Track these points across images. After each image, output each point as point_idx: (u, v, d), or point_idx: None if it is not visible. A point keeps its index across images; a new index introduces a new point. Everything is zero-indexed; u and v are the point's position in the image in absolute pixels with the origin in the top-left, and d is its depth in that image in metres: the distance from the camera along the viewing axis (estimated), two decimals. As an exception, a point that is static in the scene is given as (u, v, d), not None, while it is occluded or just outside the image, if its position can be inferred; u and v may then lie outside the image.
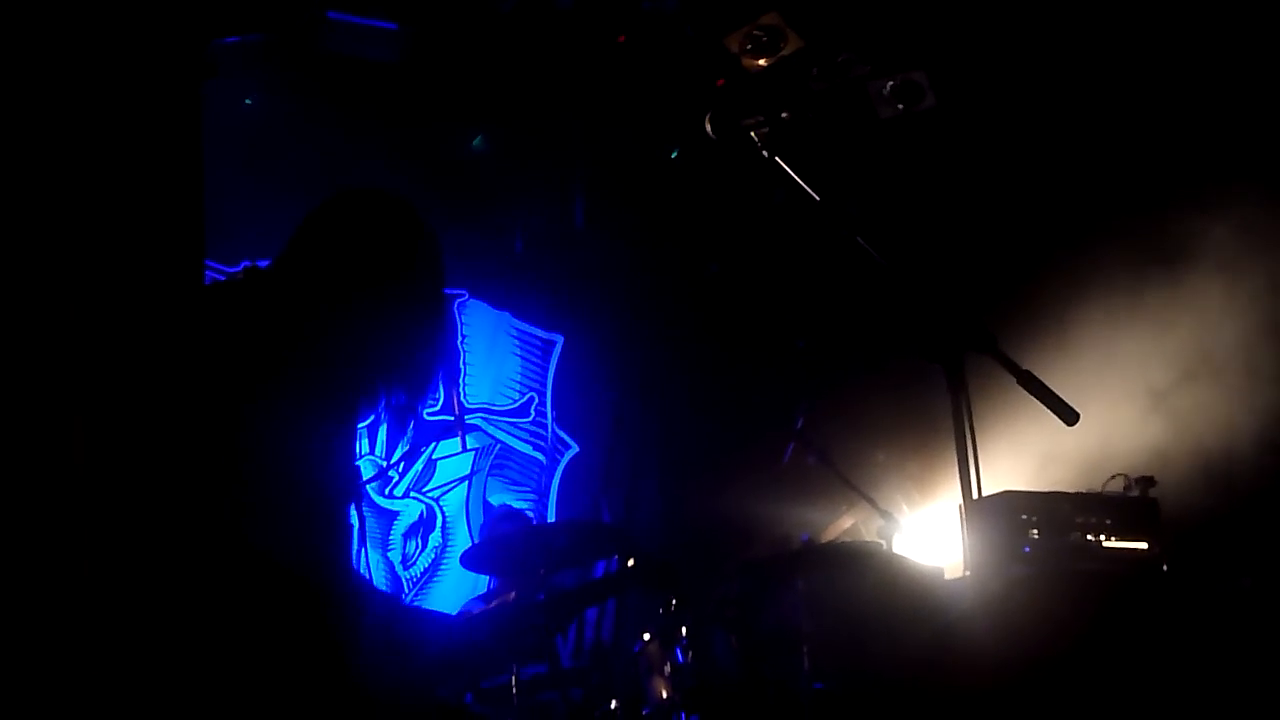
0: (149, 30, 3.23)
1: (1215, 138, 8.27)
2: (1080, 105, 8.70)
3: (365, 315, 4.05)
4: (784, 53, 8.56)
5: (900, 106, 8.86)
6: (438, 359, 4.31)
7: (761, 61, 8.60)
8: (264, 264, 4.27)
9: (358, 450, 4.23)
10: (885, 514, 7.53)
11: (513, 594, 7.64)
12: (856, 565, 6.95)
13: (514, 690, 6.65)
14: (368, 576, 8.19)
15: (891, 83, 8.82)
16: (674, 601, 6.77)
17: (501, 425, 9.69)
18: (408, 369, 4.18)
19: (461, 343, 9.64)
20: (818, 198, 4.60)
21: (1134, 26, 8.33)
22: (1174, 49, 8.26)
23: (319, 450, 3.98)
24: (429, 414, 9.41)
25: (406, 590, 9.16)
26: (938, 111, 8.85)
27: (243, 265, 8.99)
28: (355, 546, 4.17)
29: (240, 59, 8.15)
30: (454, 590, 9.19)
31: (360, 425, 4.36)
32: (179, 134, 3.26)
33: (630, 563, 7.17)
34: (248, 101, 8.77)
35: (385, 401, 4.18)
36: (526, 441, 9.74)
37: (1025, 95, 8.82)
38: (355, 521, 4.15)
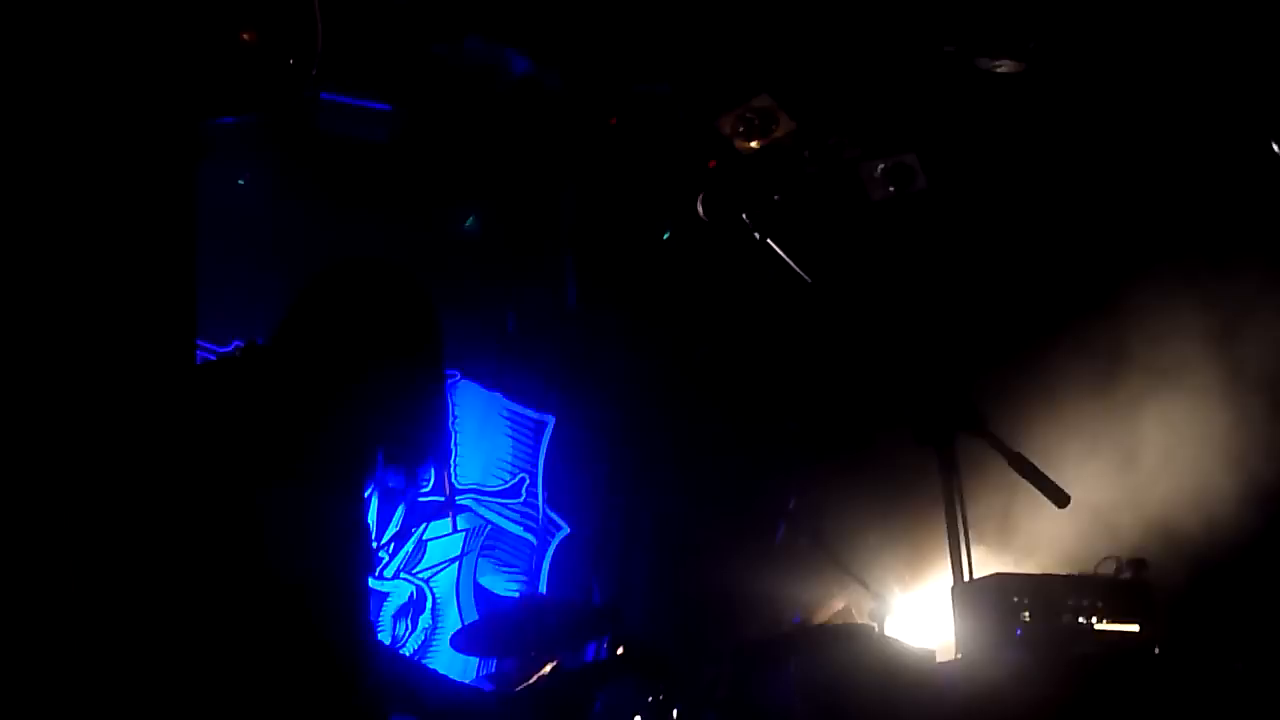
0: (145, 109, 3.24)
1: (1199, 223, 8.33)
2: (1070, 183, 8.74)
3: (373, 390, 4.03)
4: (776, 135, 8.60)
5: (892, 189, 8.90)
6: (440, 435, 4.30)
7: (754, 144, 8.64)
8: (260, 341, 4.25)
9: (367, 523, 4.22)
10: (877, 596, 7.51)
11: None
12: (848, 647, 6.91)
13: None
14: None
15: (883, 165, 8.86)
16: (661, 693, 6.74)
17: (492, 506, 9.67)
18: (411, 444, 4.16)
19: (453, 423, 9.64)
20: (809, 279, 4.62)
21: (1121, 103, 8.39)
22: (1158, 127, 8.32)
23: (338, 527, 3.97)
24: (420, 495, 9.40)
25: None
26: (929, 193, 8.90)
27: (234, 345, 8.99)
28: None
29: (234, 139, 8.19)
30: (443, 672, 9.14)
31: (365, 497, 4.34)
32: (173, 213, 3.26)
33: (620, 650, 7.14)
34: (241, 181, 8.79)
35: (382, 479, 4.16)
36: (517, 523, 9.72)
37: (1016, 175, 8.86)
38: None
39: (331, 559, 3.90)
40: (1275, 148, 8.12)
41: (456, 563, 9.46)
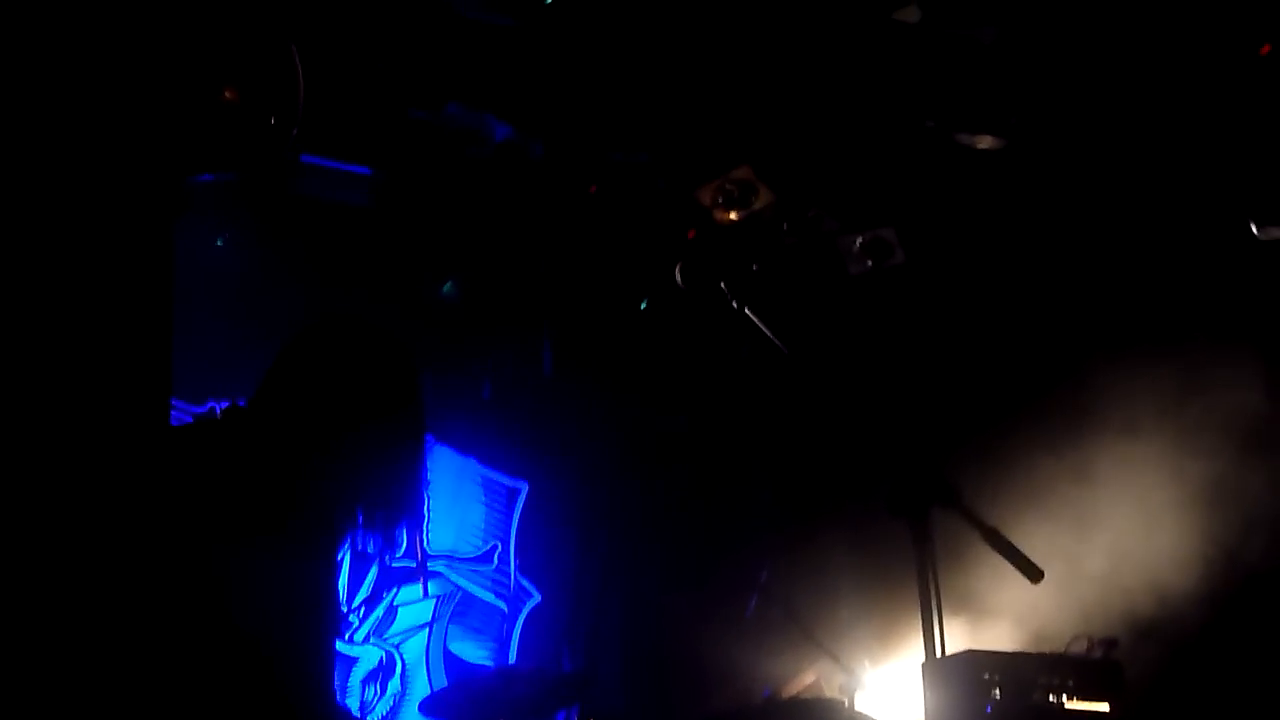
0: (123, 163, 3.24)
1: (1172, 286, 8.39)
2: (1043, 256, 8.78)
3: (352, 451, 4.01)
4: (755, 207, 8.62)
5: (869, 262, 8.92)
6: (417, 498, 4.28)
7: (733, 215, 8.66)
8: (242, 402, 4.22)
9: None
10: (848, 670, 7.49)
11: None
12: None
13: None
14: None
15: (861, 239, 8.88)
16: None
17: (464, 572, 9.63)
18: (388, 507, 4.13)
19: (426, 488, 9.60)
20: (785, 349, 4.63)
21: (1098, 180, 8.44)
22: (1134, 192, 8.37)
23: (306, 590, 3.94)
24: (392, 560, 9.37)
25: (363, 738, 9.08)
26: (906, 267, 8.92)
27: (209, 404, 8.98)
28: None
29: (213, 198, 8.19)
30: (412, 740, 9.11)
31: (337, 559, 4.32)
32: (150, 269, 3.26)
33: None
34: (219, 242, 8.78)
35: (357, 541, 4.14)
36: (489, 589, 9.68)
37: (992, 250, 8.89)
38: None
39: (298, 622, 3.87)
40: (1254, 229, 8.16)
41: (427, 629, 9.42)
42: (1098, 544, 8.18)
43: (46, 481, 3.10)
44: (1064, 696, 6.61)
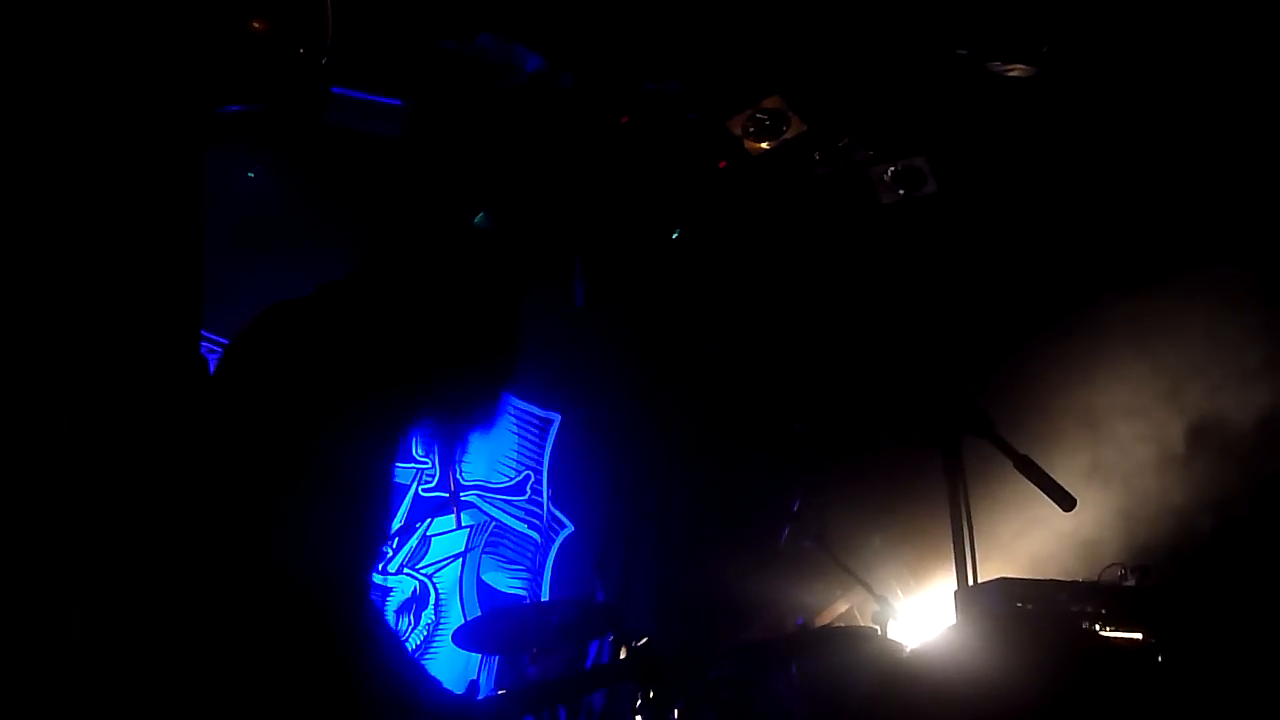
0: (151, 95, 3.23)
1: (1202, 218, 8.34)
2: (1077, 188, 8.74)
3: (438, 376, 3.98)
4: (786, 136, 8.59)
5: (901, 192, 8.89)
6: (485, 429, 4.25)
7: (764, 145, 8.63)
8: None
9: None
10: (880, 599, 7.49)
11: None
12: (851, 650, 6.90)
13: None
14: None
15: (893, 168, 8.85)
16: (661, 694, 6.75)
17: (497, 503, 9.66)
18: (467, 416, 4.10)
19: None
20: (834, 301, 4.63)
21: (1130, 108, 8.39)
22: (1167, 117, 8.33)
23: (368, 482, 3.93)
24: (424, 490, 9.39)
25: (398, 667, 9.11)
26: (939, 197, 8.88)
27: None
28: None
29: (246, 131, 8.19)
30: (446, 668, 9.14)
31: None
32: (179, 200, 3.26)
33: (622, 653, 7.13)
34: (251, 174, 8.78)
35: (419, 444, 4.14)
36: (521, 520, 9.71)
37: (1023, 180, 8.85)
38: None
39: (354, 509, 3.86)
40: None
41: (460, 559, 9.45)
42: (1132, 474, 8.18)
43: (77, 415, 3.11)
44: (1097, 625, 6.62)
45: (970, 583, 4.45)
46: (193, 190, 3.32)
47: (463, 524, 9.41)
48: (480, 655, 9.03)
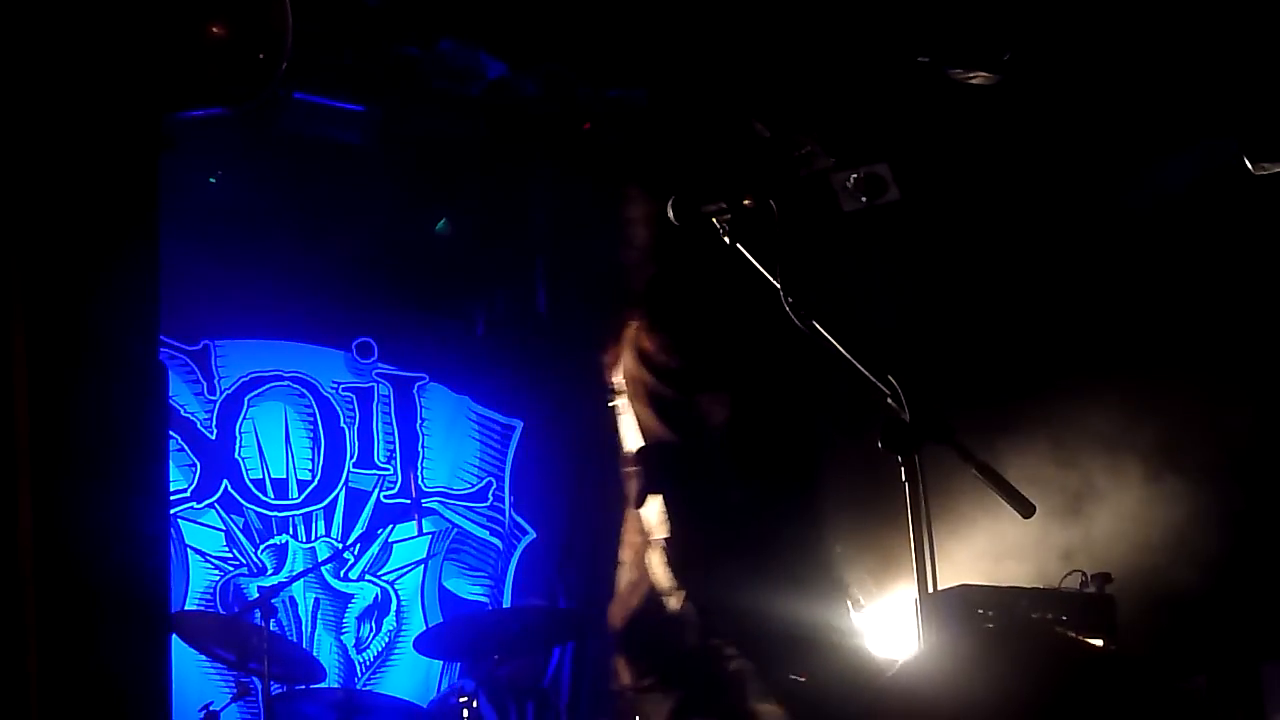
0: (107, 100, 3.22)
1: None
2: (1040, 192, 8.78)
3: None
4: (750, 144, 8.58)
5: (864, 199, 8.89)
6: None
7: (726, 151, 8.61)
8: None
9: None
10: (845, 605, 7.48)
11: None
12: (812, 656, 6.89)
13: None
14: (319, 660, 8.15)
15: (855, 175, 8.85)
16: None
17: (459, 509, 9.65)
18: None
19: (421, 425, 9.62)
20: (778, 284, 4.62)
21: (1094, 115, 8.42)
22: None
23: None
24: (386, 497, 9.38)
25: (359, 674, 9.10)
26: (901, 203, 8.89)
27: (202, 343, 8.99)
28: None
29: (208, 137, 8.16)
30: (407, 674, 9.14)
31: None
32: (136, 205, 3.25)
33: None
34: (212, 180, 8.76)
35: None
36: (483, 526, 9.70)
37: (988, 185, 8.87)
38: None
39: None
40: (1248, 164, 8.14)
41: (422, 565, 9.44)
42: (1093, 482, 8.20)
43: (38, 420, 3.09)
44: (1058, 629, 6.63)
45: (931, 590, 4.45)
46: (150, 196, 3.31)
47: (424, 530, 9.39)
48: (442, 662, 9.03)
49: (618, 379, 5.24)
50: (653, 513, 4.96)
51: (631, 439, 5.12)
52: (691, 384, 5.05)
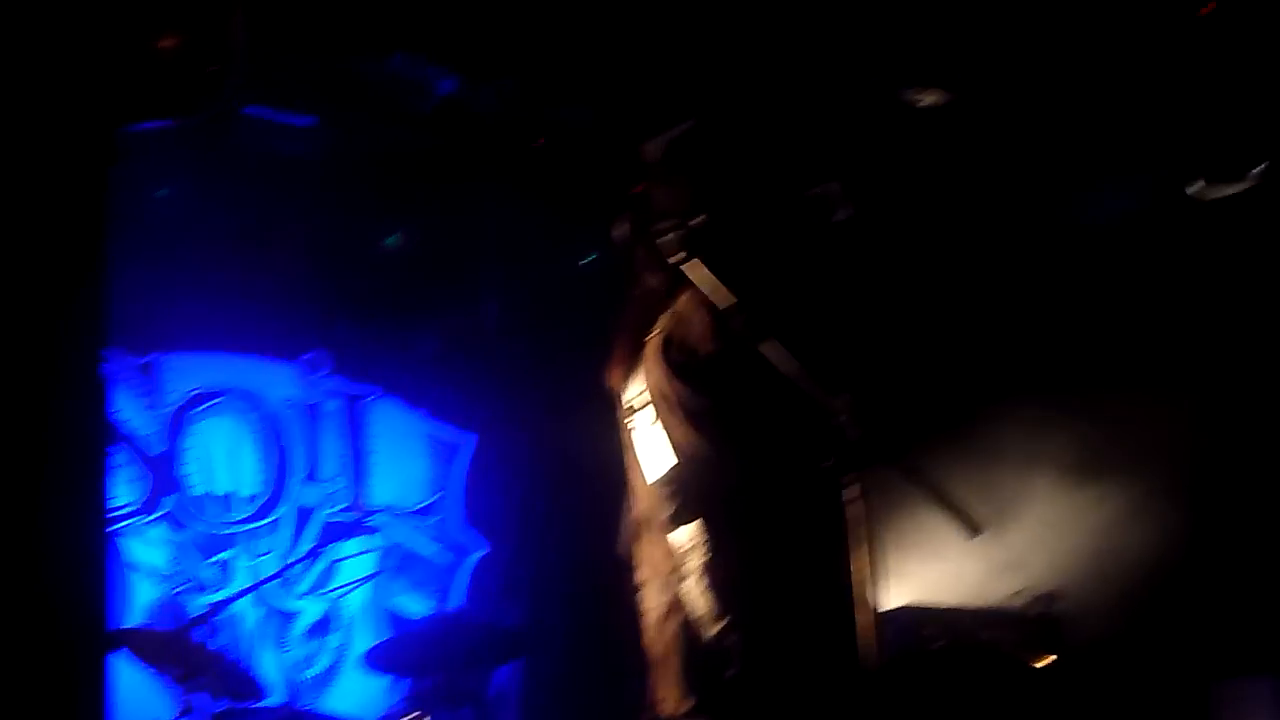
0: (56, 112, 3.20)
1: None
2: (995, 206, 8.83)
3: None
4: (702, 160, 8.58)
5: (819, 218, 8.90)
6: None
7: (679, 169, 8.61)
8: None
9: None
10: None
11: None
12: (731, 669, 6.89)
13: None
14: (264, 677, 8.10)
15: (810, 194, 8.86)
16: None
17: (407, 526, 9.62)
18: None
19: (370, 441, 9.59)
20: (731, 302, 4.62)
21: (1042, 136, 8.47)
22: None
23: None
24: (333, 513, 9.34)
25: (303, 692, 9.06)
26: (854, 223, 8.90)
27: (151, 355, 8.95)
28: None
29: (159, 150, 8.13)
30: (352, 692, 9.10)
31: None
32: (84, 218, 3.23)
33: None
34: (161, 193, 8.72)
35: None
36: (432, 543, 9.67)
37: (940, 205, 8.90)
38: None
39: None
40: (1195, 188, 8.19)
41: (369, 582, 9.40)
42: (1043, 502, 8.22)
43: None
44: (1006, 649, 6.65)
45: (878, 610, 4.45)
46: (99, 208, 3.29)
47: (372, 547, 9.36)
48: (388, 680, 8.98)
49: (634, 397, 5.14)
50: (688, 535, 4.88)
51: (659, 459, 5.02)
52: (733, 392, 4.94)
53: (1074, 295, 8.67)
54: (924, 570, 7.70)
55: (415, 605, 9.48)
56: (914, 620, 6.52)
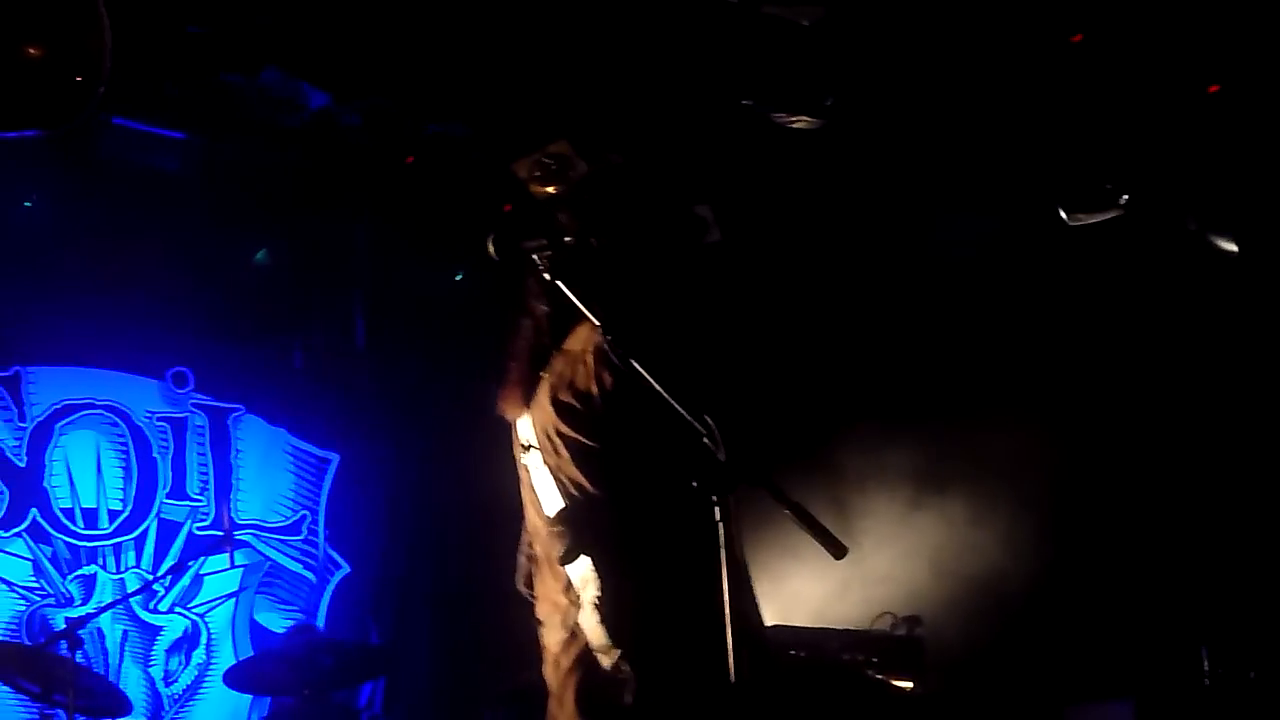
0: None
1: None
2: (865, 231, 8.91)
3: None
4: (572, 180, 8.60)
5: (688, 239, 8.93)
6: None
7: (550, 189, 8.63)
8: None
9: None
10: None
11: None
12: (626, 694, 6.90)
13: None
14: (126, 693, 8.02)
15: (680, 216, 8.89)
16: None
17: (272, 542, 9.55)
18: None
19: (235, 457, 9.52)
20: (598, 322, 4.63)
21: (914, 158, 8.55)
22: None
23: None
24: (198, 529, 9.27)
25: (167, 708, 8.98)
26: (723, 245, 8.95)
27: (13, 369, 8.85)
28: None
29: (24, 160, 8.05)
30: (216, 709, 9.03)
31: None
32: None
33: None
34: (28, 204, 8.63)
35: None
36: (297, 560, 9.61)
37: (809, 226, 8.97)
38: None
39: None
40: (1063, 215, 8.28)
41: (233, 598, 9.33)
42: (906, 523, 8.29)
43: None
44: (867, 673, 6.70)
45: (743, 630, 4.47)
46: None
47: (236, 563, 9.30)
48: (251, 696, 8.92)
49: (526, 434, 5.14)
50: (581, 571, 4.88)
51: (551, 497, 5.02)
52: (618, 433, 4.95)
53: (924, 318, 8.77)
54: (787, 590, 7.76)
55: (280, 622, 9.42)
56: (779, 638, 6.54)
